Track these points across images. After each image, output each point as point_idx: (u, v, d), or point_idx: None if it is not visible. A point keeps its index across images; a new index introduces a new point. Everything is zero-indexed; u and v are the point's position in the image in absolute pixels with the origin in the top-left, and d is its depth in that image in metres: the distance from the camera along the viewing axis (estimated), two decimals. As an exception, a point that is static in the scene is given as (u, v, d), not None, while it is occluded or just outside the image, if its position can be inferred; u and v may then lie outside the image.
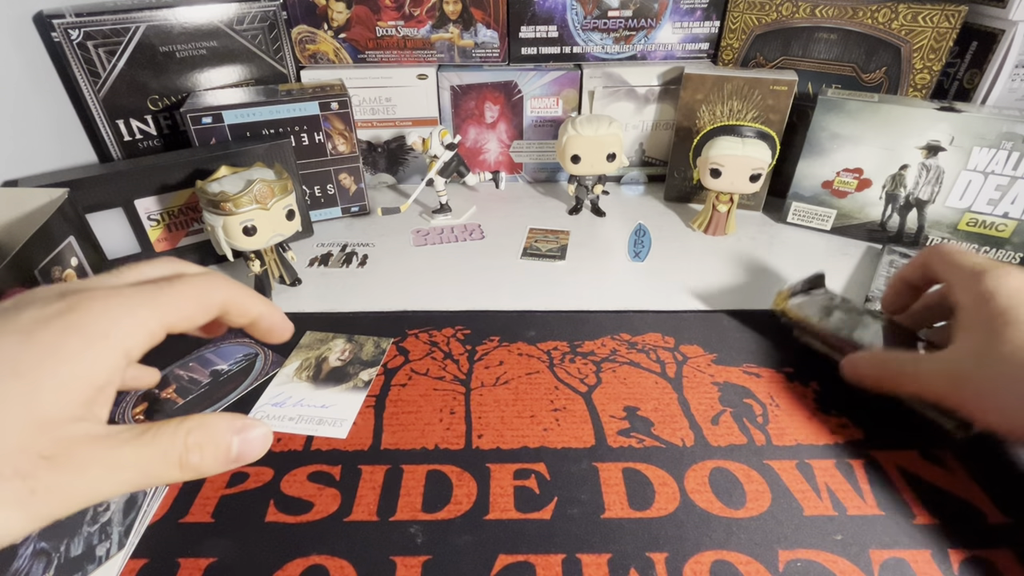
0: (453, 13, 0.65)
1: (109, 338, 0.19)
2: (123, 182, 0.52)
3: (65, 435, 0.18)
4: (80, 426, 0.18)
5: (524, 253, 0.60)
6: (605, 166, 0.63)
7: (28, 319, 0.19)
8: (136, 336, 0.20)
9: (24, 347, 0.18)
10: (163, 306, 0.21)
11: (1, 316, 0.19)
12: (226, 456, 0.21)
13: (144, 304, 0.21)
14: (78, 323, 0.19)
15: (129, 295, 0.20)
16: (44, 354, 0.18)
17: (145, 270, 0.24)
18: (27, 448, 0.17)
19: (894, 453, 0.37)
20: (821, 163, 0.59)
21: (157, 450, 0.20)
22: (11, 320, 0.19)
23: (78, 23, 0.55)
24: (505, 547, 0.32)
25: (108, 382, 0.19)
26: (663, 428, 0.39)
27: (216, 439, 0.21)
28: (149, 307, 0.21)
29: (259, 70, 0.65)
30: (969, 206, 0.55)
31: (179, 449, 0.20)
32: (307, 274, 0.57)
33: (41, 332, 0.18)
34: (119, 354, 0.19)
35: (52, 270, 0.44)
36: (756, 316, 0.49)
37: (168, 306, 0.21)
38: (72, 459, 0.18)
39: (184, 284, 0.22)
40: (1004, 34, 0.55)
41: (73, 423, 0.18)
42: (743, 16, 0.64)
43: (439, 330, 0.48)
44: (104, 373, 0.19)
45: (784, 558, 0.31)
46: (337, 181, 0.65)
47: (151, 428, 0.20)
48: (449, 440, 0.38)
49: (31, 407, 0.18)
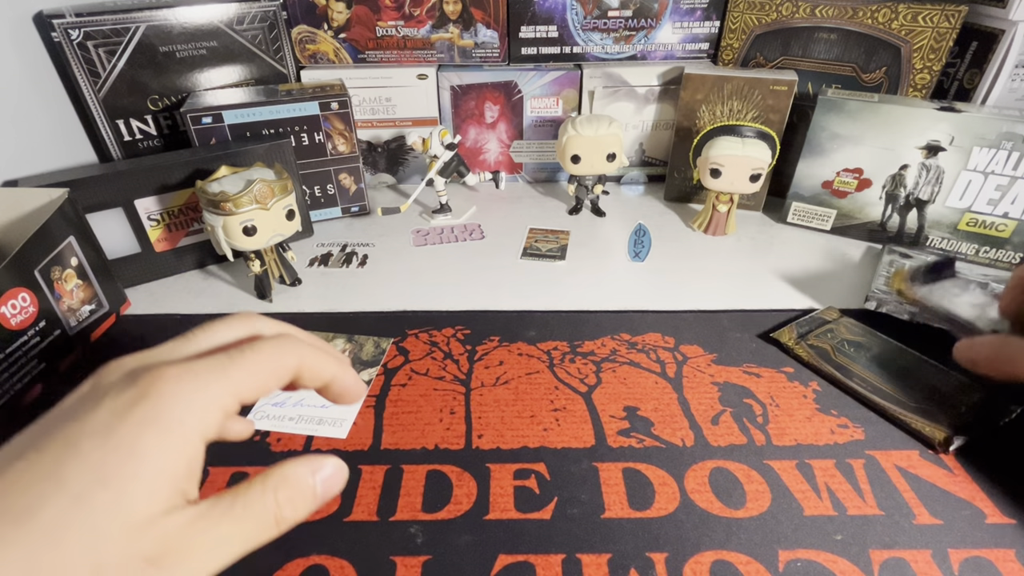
0: (453, 13, 0.65)
1: (185, 425, 0.19)
2: (123, 182, 0.51)
3: (162, 531, 0.18)
4: (174, 517, 0.19)
5: (524, 253, 0.60)
6: (605, 166, 0.63)
7: (105, 415, 0.18)
8: (211, 416, 0.20)
9: (105, 450, 0.18)
10: (235, 380, 0.21)
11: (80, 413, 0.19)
12: (313, 499, 0.22)
13: (216, 380, 0.20)
14: (152, 413, 0.19)
15: (199, 372, 0.20)
16: (125, 455, 0.18)
17: (219, 333, 0.23)
18: (130, 555, 0.18)
19: (894, 453, 0.37)
20: (821, 163, 0.59)
21: (253, 518, 0.20)
22: (89, 418, 0.18)
23: (78, 23, 0.55)
24: (505, 547, 0.32)
25: (192, 465, 0.20)
26: (663, 428, 0.39)
27: (301, 488, 0.22)
28: (221, 383, 0.20)
29: (259, 70, 0.65)
30: (969, 206, 0.55)
31: (272, 509, 0.21)
32: (307, 274, 0.57)
33: (118, 430, 0.18)
34: (197, 438, 0.20)
35: (52, 270, 0.44)
36: (756, 316, 0.49)
37: (241, 380, 0.21)
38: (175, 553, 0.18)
39: (256, 353, 0.22)
40: (1004, 34, 0.55)
41: (167, 515, 0.18)
42: (743, 16, 0.64)
43: (439, 330, 0.48)
44: (185, 460, 0.19)
45: (784, 558, 0.31)
46: (337, 181, 0.65)
47: (239, 496, 0.20)
48: (449, 440, 0.38)
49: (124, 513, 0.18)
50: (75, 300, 0.46)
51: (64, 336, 0.45)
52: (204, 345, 0.23)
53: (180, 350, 0.22)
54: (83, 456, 0.18)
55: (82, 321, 0.46)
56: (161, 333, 0.49)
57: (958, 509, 0.33)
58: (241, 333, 0.24)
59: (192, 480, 0.20)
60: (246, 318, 0.24)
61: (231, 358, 0.21)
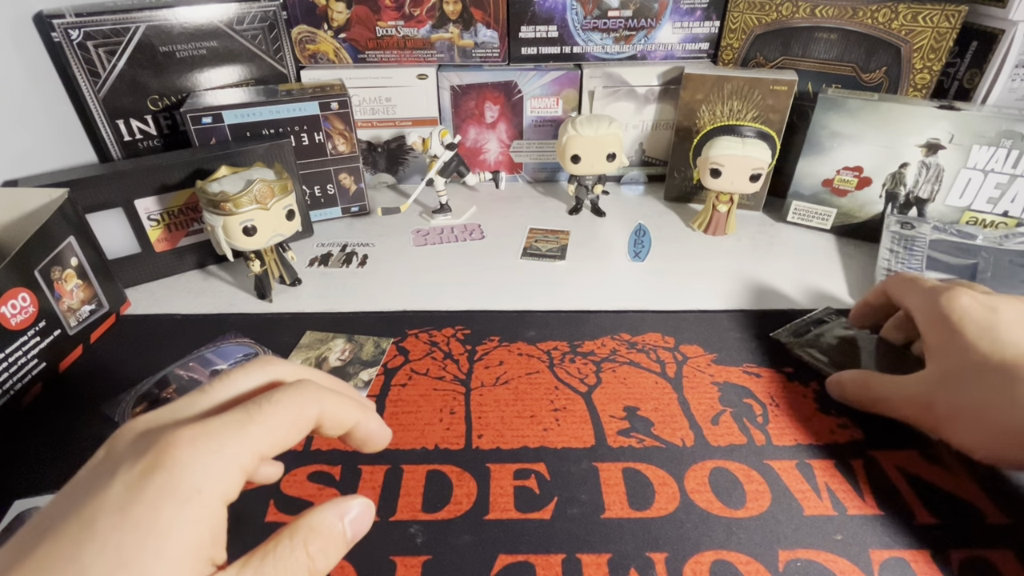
0: (453, 13, 0.65)
1: (203, 493, 0.18)
2: (123, 182, 0.52)
3: None
4: None
5: (524, 253, 0.60)
6: (605, 166, 0.63)
7: (119, 489, 0.18)
8: (231, 479, 0.19)
9: (123, 531, 0.17)
10: (254, 437, 0.20)
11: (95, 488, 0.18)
12: (344, 545, 0.21)
13: (233, 440, 0.19)
14: (168, 484, 0.18)
15: (215, 432, 0.19)
16: (144, 533, 0.17)
17: (237, 382, 0.22)
18: None
19: (894, 453, 0.37)
20: (821, 162, 0.59)
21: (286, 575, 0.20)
22: (104, 494, 0.18)
23: (78, 23, 0.55)
24: (505, 547, 0.32)
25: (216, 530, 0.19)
26: (663, 428, 0.39)
27: (332, 536, 0.21)
28: (238, 442, 0.19)
29: (259, 70, 0.65)
30: (969, 204, 0.55)
31: (305, 563, 0.20)
32: (307, 274, 0.57)
33: (134, 507, 0.17)
34: (217, 504, 0.19)
35: (52, 270, 0.44)
36: (756, 316, 0.49)
37: (259, 436, 0.20)
38: None
39: (274, 405, 0.21)
40: (1004, 34, 0.55)
41: None
42: (743, 16, 0.64)
43: (439, 330, 0.48)
44: (207, 528, 0.18)
45: (784, 558, 0.31)
46: (337, 181, 0.65)
47: (268, 554, 0.20)
48: (449, 440, 0.38)
49: None
50: (75, 300, 0.46)
51: (64, 336, 0.45)
52: (222, 397, 0.22)
53: (196, 405, 0.21)
54: (101, 538, 0.17)
55: (82, 321, 0.47)
56: (161, 333, 0.49)
57: (958, 509, 0.33)
58: (260, 381, 0.23)
59: (218, 544, 0.19)
60: (265, 364, 0.23)
61: (248, 413, 0.20)
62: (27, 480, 0.36)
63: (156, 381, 0.43)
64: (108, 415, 0.41)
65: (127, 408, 0.41)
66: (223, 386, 0.22)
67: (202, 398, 0.21)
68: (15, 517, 0.33)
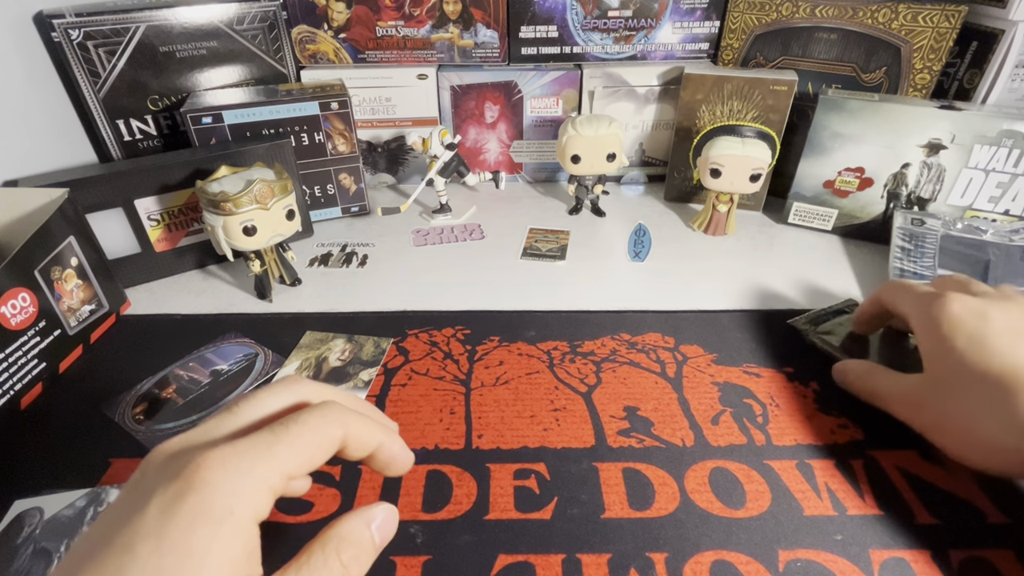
0: (453, 13, 0.65)
1: (236, 513, 0.19)
2: (123, 182, 0.52)
3: None
4: None
5: (524, 253, 0.60)
6: (605, 166, 0.63)
7: (155, 513, 0.18)
8: (261, 498, 0.20)
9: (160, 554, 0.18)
10: (282, 458, 0.20)
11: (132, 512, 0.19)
12: (374, 550, 0.22)
13: (262, 461, 0.20)
14: (201, 506, 0.18)
15: (244, 453, 0.20)
16: (182, 555, 0.18)
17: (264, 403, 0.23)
18: None
19: (894, 453, 0.37)
20: (822, 163, 0.59)
21: None
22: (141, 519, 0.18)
23: (78, 23, 0.55)
24: (505, 547, 0.32)
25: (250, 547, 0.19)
26: (663, 428, 0.39)
27: (361, 543, 0.22)
28: (267, 463, 0.20)
29: (259, 70, 0.65)
30: (971, 204, 0.55)
31: (340, 572, 0.21)
32: (307, 274, 0.57)
33: (170, 530, 0.18)
34: (250, 523, 0.19)
35: (52, 270, 0.44)
36: (756, 316, 0.49)
37: (287, 457, 0.20)
38: None
39: (301, 426, 0.21)
40: (1004, 34, 0.55)
41: None
42: (743, 16, 0.64)
43: (439, 330, 0.48)
44: (242, 546, 0.19)
45: (784, 558, 0.31)
46: (337, 181, 0.65)
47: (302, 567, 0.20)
48: (449, 440, 0.38)
49: None
50: (75, 300, 0.46)
51: (64, 336, 0.45)
52: (249, 418, 0.22)
53: (224, 425, 0.22)
54: (141, 563, 0.17)
55: (82, 321, 0.47)
56: (161, 333, 0.49)
57: (958, 509, 0.33)
58: (286, 401, 0.23)
59: (253, 560, 0.19)
60: (290, 384, 0.24)
61: (275, 434, 0.21)
62: (27, 480, 0.36)
63: (156, 381, 0.43)
64: (108, 415, 0.41)
65: (127, 408, 0.41)
66: (250, 406, 0.22)
67: (230, 419, 0.22)
68: (15, 517, 0.33)
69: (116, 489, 0.35)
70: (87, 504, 0.34)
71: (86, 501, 0.34)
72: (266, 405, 0.23)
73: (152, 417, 0.40)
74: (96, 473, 0.36)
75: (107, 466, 0.37)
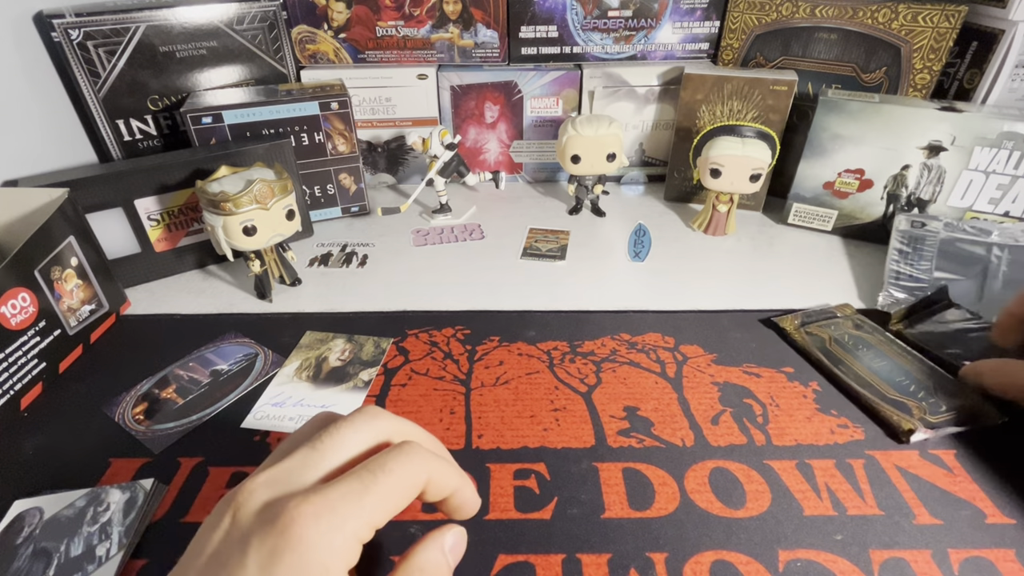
0: (453, 13, 0.65)
1: (330, 571, 0.19)
2: (123, 182, 0.52)
3: None
4: None
5: (524, 253, 0.60)
6: (605, 166, 0.63)
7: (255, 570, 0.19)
8: (351, 551, 0.20)
9: None
10: (371, 510, 0.21)
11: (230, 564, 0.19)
12: (449, 572, 0.23)
13: (353, 515, 0.20)
14: (298, 564, 0.19)
15: (336, 506, 0.20)
16: None
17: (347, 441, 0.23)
18: None
19: (894, 453, 0.37)
20: (822, 164, 0.59)
21: None
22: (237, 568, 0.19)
23: (78, 23, 0.55)
24: (505, 547, 0.32)
25: None
26: (663, 428, 0.39)
27: (439, 570, 0.23)
28: (357, 516, 0.20)
29: (259, 70, 0.65)
30: (971, 205, 0.55)
31: None
32: (307, 274, 0.57)
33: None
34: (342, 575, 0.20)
35: (52, 270, 0.44)
36: (756, 316, 0.49)
37: (376, 508, 0.21)
38: None
39: (388, 475, 0.22)
40: (1004, 34, 0.55)
41: None
42: (743, 16, 0.64)
43: (439, 330, 0.48)
44: None
45: (784, 558, 0.31)
46: (337, 181, 0.65)
47: None
48: (449, 440, 0.38)
49: None
50: (75, 300, 0.46)
51: (64, 336, 0.45)
52: (334, 460, 0.22)
53: (311, 467, 0.22)
54: None
55: (82, 321, 0.47)
56: (161, 333, 0.49)
57: (958, 509, 0.33)
58: (370, 440, 0.23)
59: None
60: (370, 419, 0.24)
61: (364, 484, 0.21)
62: (27, 480, 0.36)
63: (156, 381, 0.43)
64: (108, 415, 0.41)
65: (127, 408, 0.41)
66: (335, 444, 0.23)
67: (316, 458, 0.22)
68: (15, 517, 0.33)
69: (116, 489, 0.35)
70: (87, 504, 0.34)
71: (86, 501, 0.34)
72: (350, 445, 0.23)
73: (152, 417, 0.40)
74: (96, 473, 0.36)
75: (107, 466, 0.37)
